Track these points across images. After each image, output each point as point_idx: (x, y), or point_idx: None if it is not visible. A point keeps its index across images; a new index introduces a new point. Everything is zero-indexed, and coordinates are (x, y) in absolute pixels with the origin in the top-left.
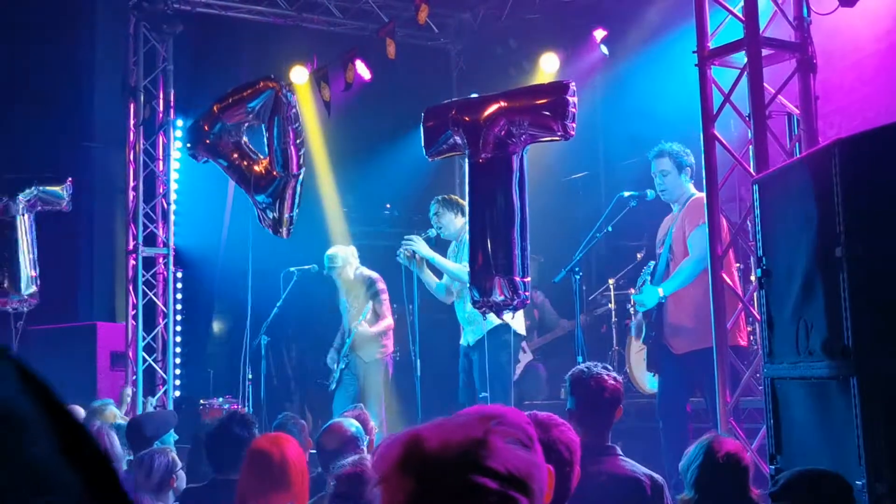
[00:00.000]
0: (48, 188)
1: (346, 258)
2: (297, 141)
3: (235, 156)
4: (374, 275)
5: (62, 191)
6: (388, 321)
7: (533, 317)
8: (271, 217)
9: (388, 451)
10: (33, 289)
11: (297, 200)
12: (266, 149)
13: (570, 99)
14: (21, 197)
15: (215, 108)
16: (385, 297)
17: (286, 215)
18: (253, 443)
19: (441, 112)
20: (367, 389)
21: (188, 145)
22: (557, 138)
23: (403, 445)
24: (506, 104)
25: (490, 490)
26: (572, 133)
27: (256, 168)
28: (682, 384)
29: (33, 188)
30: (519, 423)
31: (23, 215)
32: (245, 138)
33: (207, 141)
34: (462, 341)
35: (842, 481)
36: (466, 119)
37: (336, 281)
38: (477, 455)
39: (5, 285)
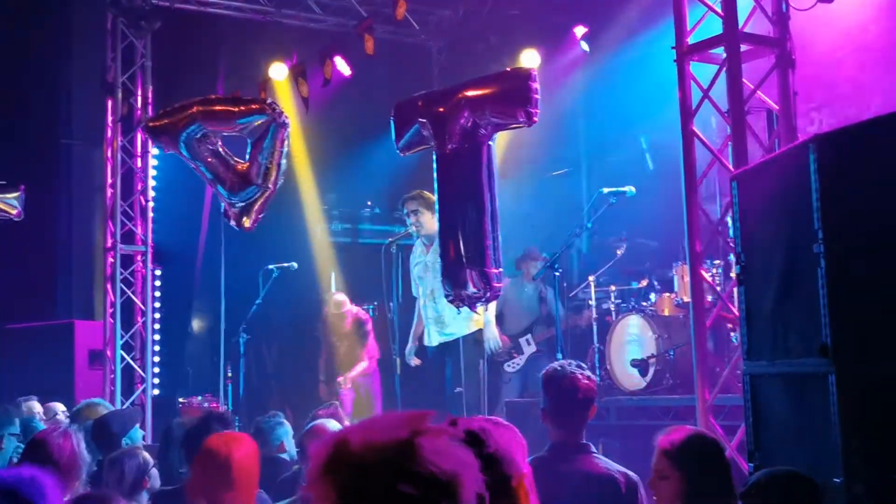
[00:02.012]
0: (1, 196)
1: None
2: (282, 160)
3: (210, 160)
4: (363, 315)
5: (15, 199)
6: (375, 356)
7: (540, 311)
8: (237, 209)
9: (316, 452)
10: None
11: (266, 207)
12: (246, 156)
13: (533, 85)
14: None
15: (196, 109)
16: (372, 335)
17: (254, 216)
18: (205, 442)
19: (409, 105)
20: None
21: (153, 135)
22: (521, 125)
23: (331, 447)
24: (468, 94)
25: (411, 497)
26: (535, 119)
27: (232, 171)
28: None
29: None
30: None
31: None
32: (220, 143)
33: (180, 138)
34: (427, 341)
35: (810, 482)
36: (431, 111)
37: (336, 321)
38: (400, 458)
39: None
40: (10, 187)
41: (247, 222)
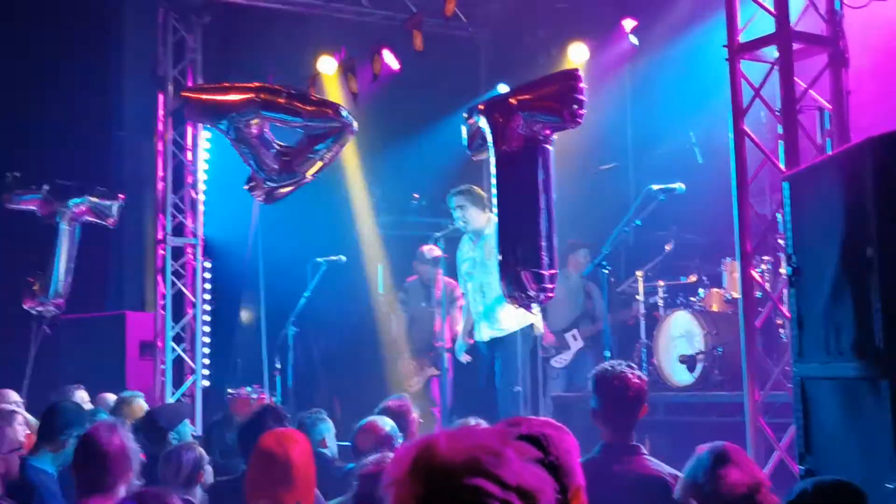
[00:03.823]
0: (99, 201)
1: None
2: (330, 160)
3: (254, 141)
4: (455, 283)
5: (112, 206)
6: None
7: (587, 307)
8: (267, 186)
9: (402, 455)
10: (60, 295)
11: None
12: (295, 143)
13: (579, 86)
14: (71, 205)
15: (255, 96)
16: (461, 302)
17: (281, 192)
18: (259, 440)
19: (475, 109)
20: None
21: (195, 107)
22: (568, 126)
23: (417, 450)
24: (520, 98)
25: (492, 495)
26: (580, 121)
27: (273, 157)
28: None
29: (84, 198)
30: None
31: (69, 223)
32: (267, 126)
33: (231, 118)
34: (477, 336)
35: (857, 493)
36: (490, 115)
37: (426, 278)
38: (486, 462)
39: (37, 287)
40: (111, 195)
41: (272, 198)
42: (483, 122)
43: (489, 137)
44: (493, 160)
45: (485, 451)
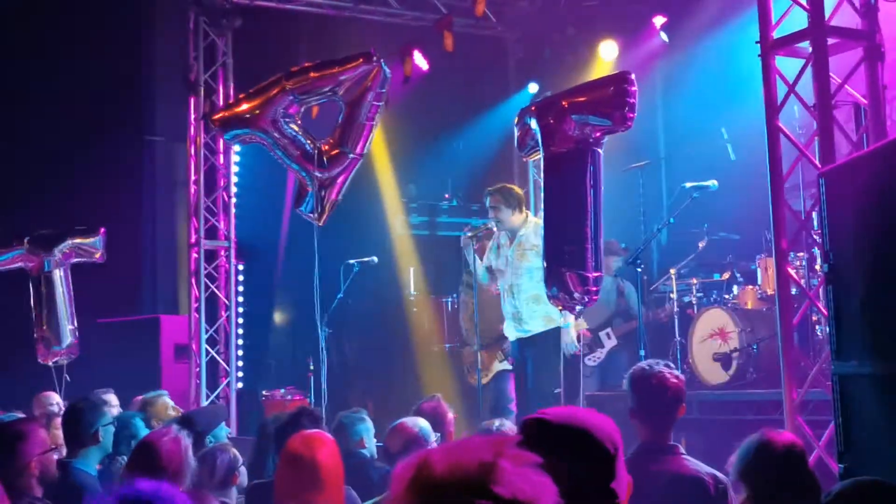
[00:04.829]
0: (82, 240)
1: None
2: (375, 121)
3: (293, 141)
4: None
5: (96, 242)
6: None
7: (620, 305)
8: (315, 199)
9: (400, 472)
10: (71, 340)
11: (345, 188)
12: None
13: (630, 89)
14: (56, 251)
15: (283, 86)
16: None
17: (331, 200)
18: (286, 444)
19: (525, 112)
20: None
21: (227, 125)
22: (618, 130)
23: (414, 468)
24: (571, 101)
25: None
26: (630, 124)
27: (310, 152)
28: None
29: (67, 241)
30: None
31: (58, 269)
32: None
33: (267, 118)
34: (507, 334)
35: (895, 490)
36: (541, 117)
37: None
38: (481, 479)
39: (46, 340)
40: (91, 232)
41: (324, 217)
42: (534, 124)
43: (539, 139)
44: (542, 161)
45: (478, 466)
